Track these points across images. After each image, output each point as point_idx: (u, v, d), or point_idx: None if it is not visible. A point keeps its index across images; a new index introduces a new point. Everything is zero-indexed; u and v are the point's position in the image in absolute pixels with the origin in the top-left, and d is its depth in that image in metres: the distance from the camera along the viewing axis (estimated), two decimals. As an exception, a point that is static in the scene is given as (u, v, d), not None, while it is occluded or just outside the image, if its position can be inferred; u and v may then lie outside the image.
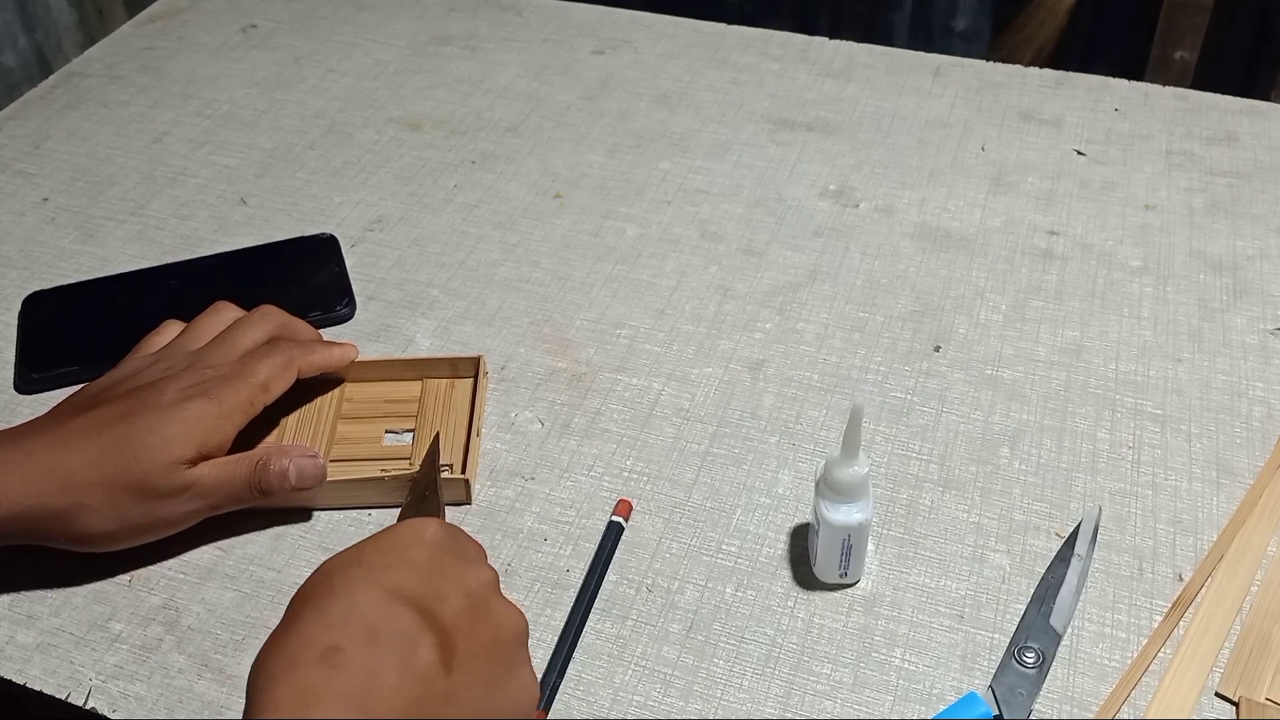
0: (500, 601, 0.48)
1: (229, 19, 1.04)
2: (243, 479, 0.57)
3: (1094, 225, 0.78)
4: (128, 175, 0.86)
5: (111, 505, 0.54)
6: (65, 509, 0.54)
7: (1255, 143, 0.84)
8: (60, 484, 0.53)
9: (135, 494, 0.54)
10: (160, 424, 0.55)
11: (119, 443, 0.55)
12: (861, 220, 0.79)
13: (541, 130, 0.89)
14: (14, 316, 0.74)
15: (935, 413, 0.66)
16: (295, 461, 0.58)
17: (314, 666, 0.41)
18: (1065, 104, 0.89)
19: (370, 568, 0.46)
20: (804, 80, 0.93)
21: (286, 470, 0.58)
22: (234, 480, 0.57)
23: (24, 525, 0.54)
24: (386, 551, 0.47)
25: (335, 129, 0.90)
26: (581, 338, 0.71)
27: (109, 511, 0.54)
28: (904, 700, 0.53)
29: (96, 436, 0.55)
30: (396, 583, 0.45)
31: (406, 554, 0.47)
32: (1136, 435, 0.64)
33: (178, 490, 0.55)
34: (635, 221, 0.80)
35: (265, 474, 0.58)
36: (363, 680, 0.41)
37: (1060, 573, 0.56)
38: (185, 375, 0.59)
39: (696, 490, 0.62)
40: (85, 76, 0.97)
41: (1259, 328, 0.70)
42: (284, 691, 0.41)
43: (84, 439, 0.55)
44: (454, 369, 0.68)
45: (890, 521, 0.60)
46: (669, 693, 0.53)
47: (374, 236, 0.79)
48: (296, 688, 0.41)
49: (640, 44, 0.98)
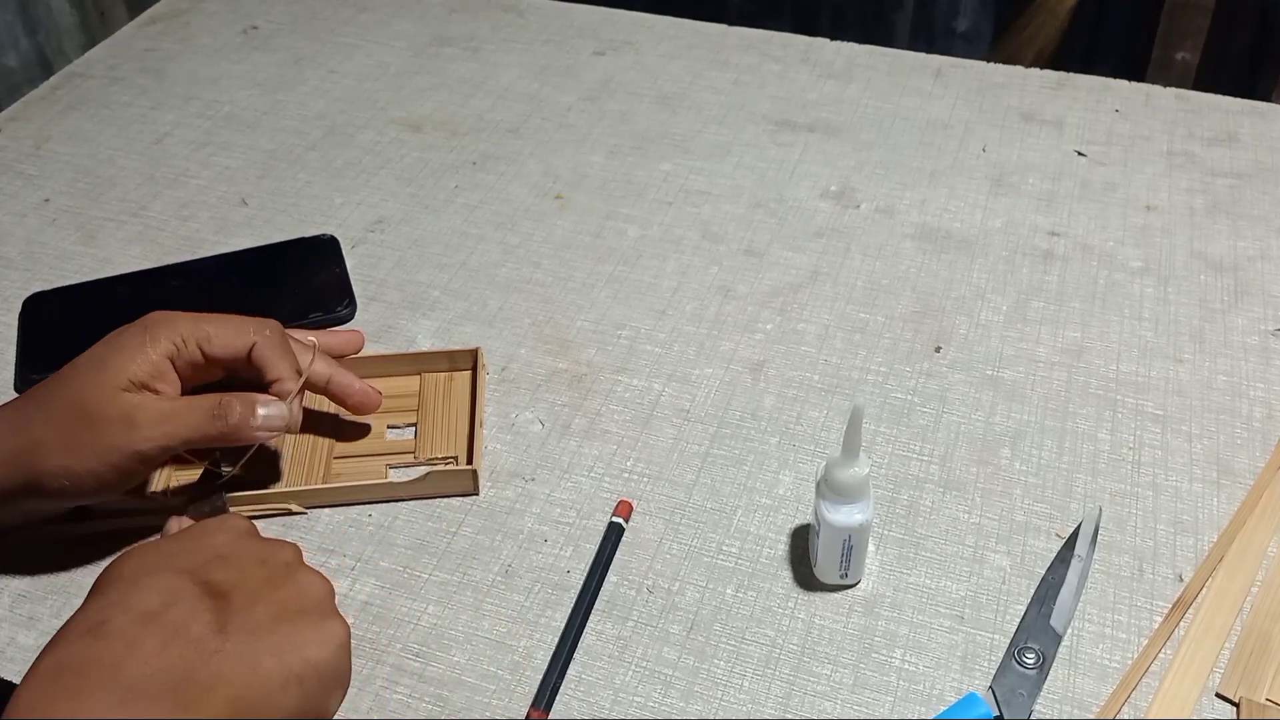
0: (304, 570, 0.51)
1: (230, 20, 1.04)
2: (201, 408, 0.56)
3: (1095, 226, 0.78)
4: (129, 176, 0.86)
5: (61, 437, 0.54)
6: (23, 454, 0.54)
7: (1256, 144, 0.84)
8: (17, 433, 0.54)
9: (80, 420, 0.54)
10: (96, 355, 0.56)
11: (60, 379, 0.56)
12: (862, 221, 0.79)
13: (542, 131, 0.89)
14: (14, 317, 0.74)
15: (936, 413, 0.66)
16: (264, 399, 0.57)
17: (78, 639, 0.45)
18: (1066, 105, 0.89)
19: (165, 553, 0.50)
20: (805, 81, 0.93)
21: (254, 402, 0.57)
22: (190, 410, 0.56)
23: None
24: (186, 539, 0.51)
25: (336, 130, 0.90)
26: (582, 338, 0.71)
27: (59, 444, 0.54)
28: (904, 701, 0.53)
29: (45, 386, 0.56)
30: (188, 564, 0.49)
31: (206, 540, 0.51)
32: (1137, 436, 0.64)
33: (120, 416, 0.54)
34: (636, 222, 0.80)
35: (228, 403, 0.56)
36: (121, 648, 0.44)
37: (1060, 573, 0.56)
38: None
39: (697, 491, 0.62)
40: (86, 78, 0.97)
41: (1260, 328, 0.70)
42: (46, 664, 0.44)
43: (35, 390, 0.56)
44: (451, 362, 0.68)
45: (891, 522, 0.60)
46: (669, 694, 0.53)
47: (375, 237, 0.79)
48: (56, 659, 0.44)
49: (641, 45, 0.98)
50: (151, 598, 0.47)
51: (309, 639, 0.48)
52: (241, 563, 0.50)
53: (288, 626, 0.48)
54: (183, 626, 0.46)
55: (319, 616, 0.49)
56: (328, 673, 0.49)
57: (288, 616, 0.48)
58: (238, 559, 0.50)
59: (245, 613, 0.47)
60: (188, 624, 0.46)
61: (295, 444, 0.64)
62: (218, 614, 0.47)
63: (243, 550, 0.51)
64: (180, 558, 0.49)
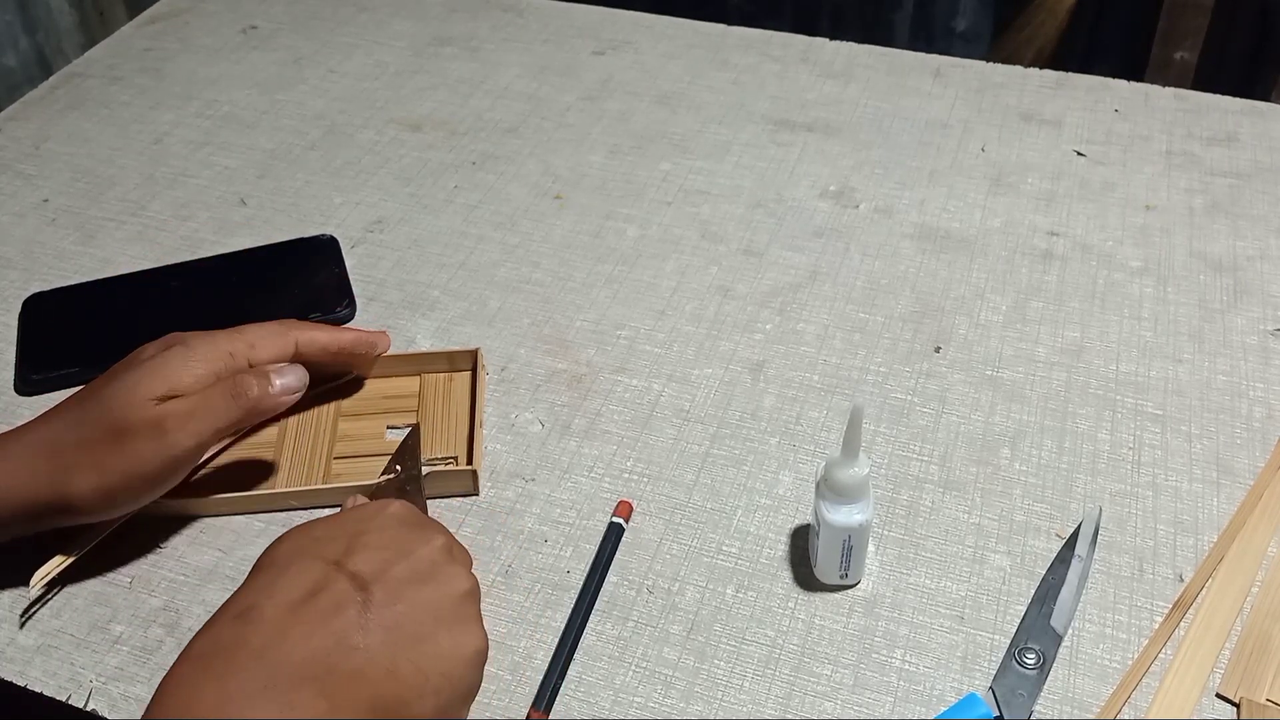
0: (450, 567, 0.50)
1: (230, 20, 1.04)
2: (220, 395, 0.56)
3: (1094, 226, 0.78)
4: (128, 176, 0.86)
5: (93, 458, 0.54)
6: (55, 477, 0.54)
7: (1255, 143, 0.84)
8: (48, 456, 0.54)
9: (111, 438, 0.54)
10: (131, 374, 0.56)
11: (91, 397, 0.56)
12: (862, 221, 0.79)
13: (542, 131, 0.89)
14: (14, 318, 0.74)
15: (935, 413, 0.66)
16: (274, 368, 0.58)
17: (228, 624, 0.46)
18: (1065, 105, 0.89)
19: (316, 539, 0.50)
20: (804, 81, 0.93)
21: (267, 372, 0.57)
22: (210, 401, 0.56)
23: (29, 510, 0.54)
24: (337, 525, 0.51)
25: (336, 130, 0.90)
26: (582, 339, 0.71)
27: (91, 465, 0.54)
28: (904, 701, 0.53)
29: (75, 404, 0.56)
30: (335, 551, 0.49)
31: (357, 525, 0.51)
32: (1137, 436, 0.64)
33: (149, 425, 0.54)
34: (635, 222, 0.80)
35: (243, 380, 0.57)
36: (269, 633, 0.45)
37: (1061, 573, 0.56)
38: None
39: (697, 491, 0.62)
40: (86, 77, 0.97)
41: (1259, 328, 0.70)
42: (196, 647, 0.46)
43: (64, 410, 0.56)
44: (451, 363, 0.68)
45: (891, 522, 0.60)
46: (669, 694, 0.53)
47: (374, 237, 0.79)
48: (205, 643, 0.46)
49: (641, 45, 0.98)
50: (299, 585, 0.47)
51: (446, 651, 0.47)
52: (387, 553, 0.49)
53: (427, 631, 0.47)
54: (327, 616, 0.46)
55: (457, 624, 0.48)
56: (460, 686, 0.48)
57: (427, 621, 0.47)
58: (384, 549, 0.49)
59: (385, 608, 0.47)
60: (332, 615, 0.46)
61: (295, 444, 0.64)
62: (361, 607, 0.46)
63: (390, 540, 0.50)
64: (328, 544, 0.49)
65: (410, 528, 0.51)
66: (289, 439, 0.64)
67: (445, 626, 0.48)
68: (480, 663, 0.49)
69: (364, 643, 0.45)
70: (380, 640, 0.46)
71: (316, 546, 0.49)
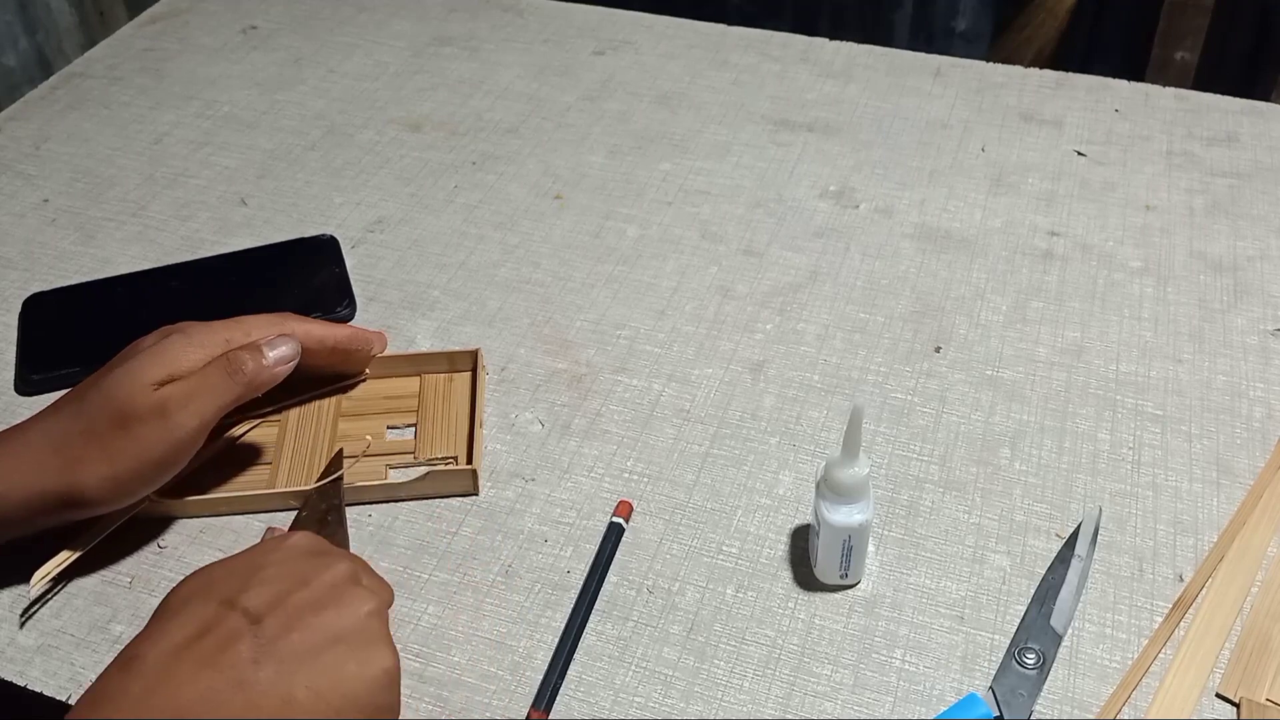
0: (354, 590, 0.49)
1: (229, 20, 1.04)
2: (216, 372, 0.57)
3: (1094, 226, 0.78)
4: (128, 176, 0.86)
5: (100, 448, 0.54)
6: (63, 469, 0.54)
7: (1255, 143, 0.84)
8: (55, 449, 0.54)
9: (116, 426, 0.54)
10: (130, 362, 0.56)
11: (92, 388, 0.56)
12: (862, 221, 0.79)
13: (542, 131, 0.89)
14: (14, 318, 0.74)
15: (936, 413, 0.66)
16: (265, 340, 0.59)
17: (113, 674, 0.46)
18: (1065, 105, 0.89)
19: (213, 580, 0.49)
20: (804, 81, 0.93)
21: (259, 345, 0.58)
22: (209, 380, 0.56)
23: (38, 505, 0.54)
24: (235, 564, 0.50)
25: (336, 130, 0.90)
26: (582, 339, 0.71)
27: (99, 454, 0.54)
28: (904, 701, 0.53)
29: (75, 397, 0.57)
30: (229, 590, 0.48)
31: (258, 563, 0.50)
32: (1137, 436, 0.64)
33: (153, 410, 0.55)
34: (635, 222, 0.80)
35: (237, 356, 0.57)
36: (152, 681, 0.45)
37: (1060, 573, 0.56)
38: None
39: (697, 491, 0.62)
40: (86, 77, 0.97)
41: (1259, 328, 0.70)
42: (83, 700, 0.45)
43: (66, 403, 0.57)
44: (451, 363, 0.68)
45: (891, 522, 0.60)
46: (670, 694, 0.53)
47: (374, 237, 0.79)
48: (92, 694, 0.45)
49: (641, 45, 0.98)
50: (185, 628, 0.46)
51: (350, 672, 0.46)
52: (285, 584, 0.48)
53: (327, 656, 0.46)
54: (215, 655, 0.45)
55: (361, 644, 0.47)
56: (367, 706, 0.47)
57: (325, 645, 0.47)
58: (281, 580, 0.48)
59: (280, 639, 0.46)
60: (220, 653, 0.45)
61: (295, 444, 0.64)
62: (253, 642, 0.46)
63: (290, 572, 0.49)
64: (224, 584, 0.48)
65: (312, 557, 0.50)
66: (289, 439, 0.64)
67: (348, 648, 0.47)
68: (391, 681, 0.48)
69: (256, 676, 0.45)
70: (274, 671, 0.45)
71: (211, 588, 0.48)
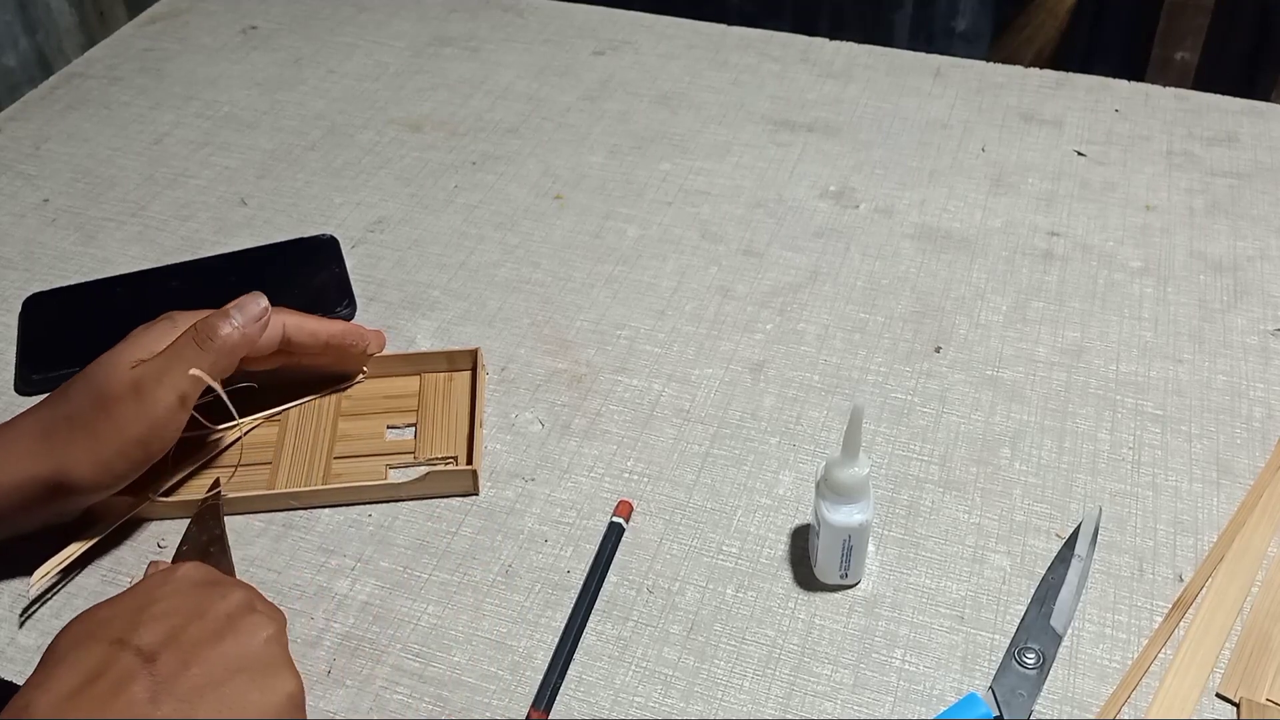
0: (249, 617, 0.48)
1: (230, 20, 1.04)
2: (186, 344, 0.57)
3: (1094, 226, 0.78)
4: (128, 176, 0.86)
5: (84, 432, 0.54)
6: (51, 456, 0.54)
7: (1255, 143, 0.84)
8: (42, 437, 0.55)
9: (98, 409, 0.55)
10: (115, 348, 0.57)
11: (79, 378, 0.56)
12: (862, 221, 0.79)
13: (542, 131, 0.89)
14: (14, 318, 0.74)
15: (936, 413, 0.66)
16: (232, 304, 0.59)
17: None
18: (1066, 105, 0.89)
19: (99, 621, 0.47)
20: (804, 81, 0.93)
21: (226, 310, 0.58)
22: (180, 352, 0.56)
23: (29, 491, 0.54)
24: (123, 602, 0.49)
25: (336, 130, 0.90)
26: (582, 339, 0.71)
27: (83, 439, 0.54)
28: (904, 701, 0.53)
29: (64, 388, 0.57)
30: (119, 630, 0.46)
31: (144, 597, 0.48)
32: (1137, 436, 0.64)
33: (129, 389, 0.55)
34: (635, 222, 0.80)
35: (204, 324, 0.57)
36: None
37: (1060, 573, 0.56)
38: None
39: (697, 491, 0.62)
40: (86, 77, 0.97)
41: (1259, 328, 0.70)
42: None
43: (54, 395, 0.57)
44: (451, 363, 0.68)
45: (891, 522, 0.60)
46: (670, 694, 0.53)
47: (374, 237, 0.79)
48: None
49: (641, 45, 0.98)
50: (76, 674, 0.44)
51: (254, 701, 0.45)
52: (176, 619, 0.47)
53: (228, 688, 0.45)
54: (109, 699, 0.43)
55: (262, 672, 0.46)
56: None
57: (226, 676, 0.45)
58: (173, 615, 0.47)
59: (177, 676, 0.44)
60: (114, 696, 0.43)
61: (295, 444, 0.64)
62: (149, 681, 0.44)
63: (181, 605, 0.48)
64: (112, 624, 0.47)
65: (203, 587, 0.49)
66: (289, 439, 0.64)
67: (249, 677, 0.46)
68: (296, 705, 0.47)
69: (155, 716, 0.43)
70: (174, 709, 0.43)
71: (98, 629, 0.47)
